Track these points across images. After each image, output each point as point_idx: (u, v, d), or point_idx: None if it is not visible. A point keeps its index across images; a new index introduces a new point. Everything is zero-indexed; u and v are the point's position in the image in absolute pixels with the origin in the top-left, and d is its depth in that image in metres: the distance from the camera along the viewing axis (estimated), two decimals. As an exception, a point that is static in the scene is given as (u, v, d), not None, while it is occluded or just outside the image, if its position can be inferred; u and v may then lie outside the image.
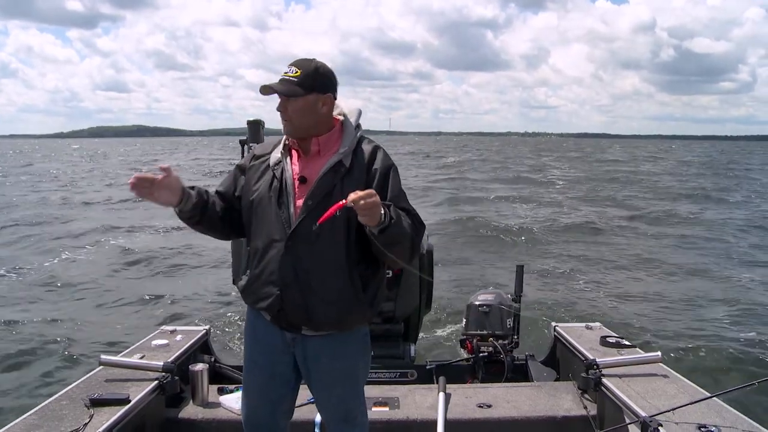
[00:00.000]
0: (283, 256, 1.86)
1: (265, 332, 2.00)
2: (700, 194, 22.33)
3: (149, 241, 12.89)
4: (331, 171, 1.87)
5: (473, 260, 10.66)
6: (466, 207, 17.72)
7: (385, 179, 1.89)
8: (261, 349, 2.03)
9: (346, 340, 1.97)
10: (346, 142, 1.92)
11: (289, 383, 2.05)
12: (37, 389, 4.89)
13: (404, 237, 1.79)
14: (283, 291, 1.87)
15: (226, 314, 7.02)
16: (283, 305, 1.88)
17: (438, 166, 38.33)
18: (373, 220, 1.69)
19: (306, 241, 1.84)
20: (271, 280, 1.89)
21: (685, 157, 64.03)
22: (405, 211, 1.85)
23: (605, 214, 17.12)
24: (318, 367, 1.98)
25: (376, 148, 1.95)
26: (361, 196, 1.64)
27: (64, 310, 7.36)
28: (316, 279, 1.86)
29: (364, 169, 1.89)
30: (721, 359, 5.90)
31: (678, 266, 10.37)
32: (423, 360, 3.72)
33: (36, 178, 30.39)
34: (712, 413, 2.28)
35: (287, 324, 1.93)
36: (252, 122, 3.30)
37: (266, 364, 2.02)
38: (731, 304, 8.01)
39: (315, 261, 1.86)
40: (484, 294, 3.79)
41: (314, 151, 1.93)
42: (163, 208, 1.93)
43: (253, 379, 2.06)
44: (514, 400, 2.84)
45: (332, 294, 1.87)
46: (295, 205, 1.88)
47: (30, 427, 2.16)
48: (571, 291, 8.56)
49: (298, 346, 1.96)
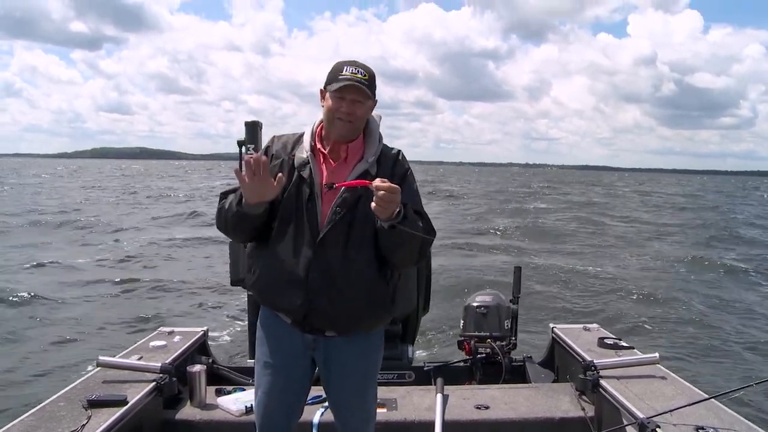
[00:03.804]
0: (312, 261, 1.83)
1: (283, 334, 1.97)
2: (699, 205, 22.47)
3: (148, 242, 12.90)
4: (359, 180, 1.83)
5: (473, 261, 10.67)
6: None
7: (402, 181, 1.88)
8: (279, 351, 1.99)
9: (366, 339, 1.98)
10: (371, 150, 1.91)
11: (305, 385, 2.04)
12: (34, 390, 4.88)
13: (414, 238, 1.77)
14: (310, 296, 1.84)
15: (224, 315, 7.02)
16: (310, 310, 1.86)
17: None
18: (385, 213, 1.68)
19: (335, 248, 1.83)
20: (298, 285, 1.85)
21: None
22: (419, 214, 1.84)
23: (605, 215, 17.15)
24: (340, 368, 1.96)
25: (397, 153, 1.96)
26: (385, 187, 1.63)
27: (62, 311, 7.35)
28: (344, 284, 1.84)
29: (389, 176, 1.86)
30: (719, 361, 5.92)
31: (676, 269, 10.39)
32: (421, 361, 3.71)
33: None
34: (710, 415, 2.28)
35: (311, 327, 1.91)
36: (250, 123, 3.29)
37: (283, 366, 1.99)
38: (729, 306, 8.03)
39: (343, 267, 1.84)
40: (481, 295, 3.78)
41: (342, 157, 1.91)
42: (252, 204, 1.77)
43: (269, 380, 2.00)
44: (511, 402, 2.84)
45: (360, 299, 1.86)
46: (322, 211, 1.85)
47: (28, 428, 2.15)
48: (569, 292, 8.57)
49: (319, 348, 1.95)
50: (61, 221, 16.63)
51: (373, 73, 1.88)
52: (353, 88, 1.82)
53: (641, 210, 22.75)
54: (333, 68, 1.87)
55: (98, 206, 21.79)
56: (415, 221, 1.77)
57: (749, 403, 4.36)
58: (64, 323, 6.85)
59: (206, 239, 13.31)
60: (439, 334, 6.23)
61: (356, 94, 1.83)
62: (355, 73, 1.82)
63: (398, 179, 1.87)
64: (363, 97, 1.84)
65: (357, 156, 1.91)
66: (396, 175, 1.90)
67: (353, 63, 1.86)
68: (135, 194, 31.00)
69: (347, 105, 1.84)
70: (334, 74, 1.85)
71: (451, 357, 3.82)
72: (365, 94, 1.84)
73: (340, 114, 1.85)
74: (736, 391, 2.32)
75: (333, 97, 1.85)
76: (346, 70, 1.83)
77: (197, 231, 14.36)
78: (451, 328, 5.97)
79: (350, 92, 1.82)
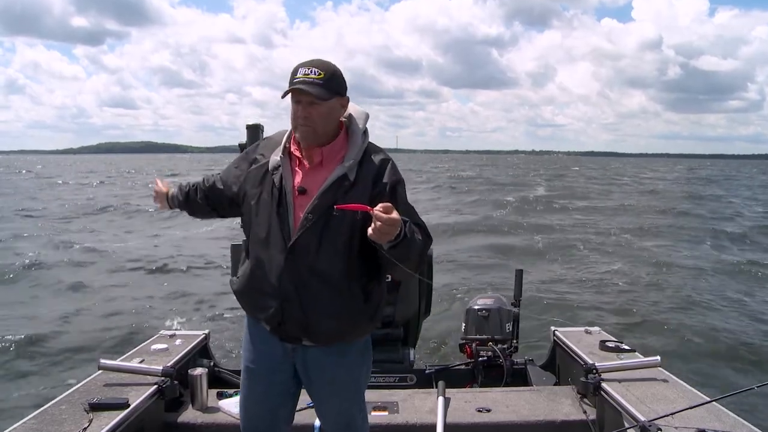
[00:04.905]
0: (283, 269, 1.79)
1: (264, 340, 1.94)
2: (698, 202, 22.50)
3: (149, 245, 12.90)
4: (334, 185, 1.76)
5: (473, 264, 10.67)
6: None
7: (393, 194, 1.78)
8: (260, 357, 1.98)
9: (347, 350, 1.92)
10: (352, 153, 1.81)
11: (289, 390, 2.01)
12: (36, 393, 4.88)
13: (414, 253, 1.72)
14: (283, 304, 1.82)
15: (226, 318, 7.02)
16: (284, 318, 1.83)
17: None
18: (383, 240, 1.61)
19: (306, 255, 1.77)
20: (271, 292, 1.83)
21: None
22: (416, 225, 1.77)
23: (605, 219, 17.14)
24: (319, 377, 1.93)
25: (385, 161, 1.85)
26: (385, 219, 1.55)
27: (63, 314, 7.34)
28: (317, 293, 1.80)
29: (370, 183, 1.79)
30: (721, 363, 5.90)
31: (678, 271, 10.37)
32: (422, 364, 3.71)
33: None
34: (711, 417, 2.28)
35: (287, 336, 1.88)
36: (251, 126, 3.30)
37: (265, 372, 1.97)
38: (731, 309, 8.01)
39: (315, 275, 1.79)
40: (483, 298, 3.78)
41: (317, 161, 1.83)
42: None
43: (251, 386, 2.00)
44: (513, 405, 2.83)
45: (333, 308, 1.81)
46: (294, 216, 1.79)
47: (29, 431, 2.16)
48: (571, 295, 8.56)
49: (298, 356, 1.92)
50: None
51: (334, 70, 1.78)
52: (301, 91, 1.73)
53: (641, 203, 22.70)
54: (292, 71, 1.78)
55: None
56: (414, 238, 1.69)
57: (751, 406, 4.35)
58: (65, 326, 6.85)
59: (210, 238, 13.33)
60: (440, 337, 6.22)
61: (309, 96, 1.73)
62: (307, 74, 1.74)
63: (389, 192, 1.79)
64: (317, 98, 1.73)
65: (337, 159, 1.82)
66: (384, 185, 1.80)
67: (308, 63, 1.77)
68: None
69: (303, 109, 1.76)
70: (291, 77, 1.77)
71: (453, 360, 3.82)
72: (318, 95, 1.73)
73: (299, 120, 1.78)
74: (738, 394, 2.32)
75: (292, 102, 1.79)
76: (299, 72, 1.75)
77: (198, 228, 14.34)
78: (453, 331, 5.96)
79: (301, 95, 1.75)
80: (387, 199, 1.67)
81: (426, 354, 5.41)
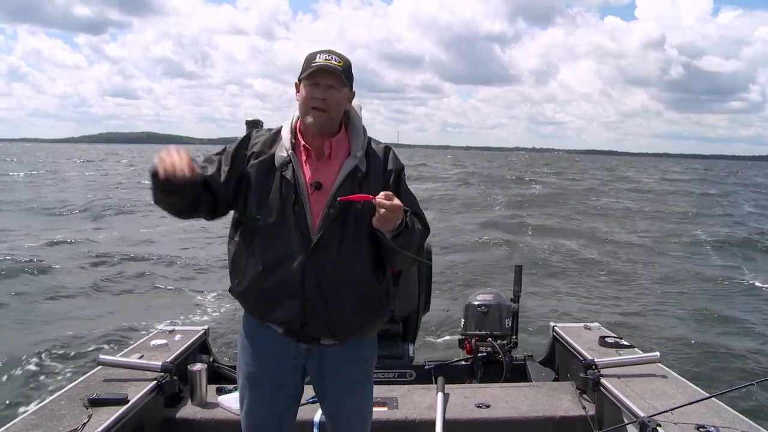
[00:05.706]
0: (306, 268, 1.74)
1: (272, 344, 1.88)
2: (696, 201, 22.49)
3: (148, 242, 12.89)
4: (349, 177, 1.76)
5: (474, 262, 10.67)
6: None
7: (398, 182, 1.81)
8: (267, 362, 1.90)
9: (360, 344, 1.92)
10: (357, 144, 1.81)
11: (297, 393, 1.98)
12: (35, 389, 4.89)
13: (414, 242, 1.73)
14: (307, 304, 1.76)
15: (225, 314, 7.02)
16: (306, 318, 1.78)
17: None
18: (386, 228, 1.63)
19: (329, 252, 1.74)
20: (293, 293, 1.76)
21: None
22: (415, 215, 1.78)
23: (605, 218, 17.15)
24: (336, 375, 1.90)
25: (387, 150, 1.87)
26: (388, 205, 1.58)
27: (63, 310, 7.35)
28: (341, 290, 1.77)
29: (381, 173, 1.80)
30: (720, 359, 5.91)
31: (677, 267, 10.39)
32: (422, 360, 3.71)
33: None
34: (710, 413, 2.28)
35: (306, 336, 1.84)
36: (250, 122, 3.29)
37: (273, 377, 1.90)
38: (730, 305, 8.02)
39: (338, 272, 1.76)
40: (482, 294, 3.78)
41: (326, 153, 1.80)
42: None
43: (257, 393, 1.93)
44: (512, 400, 2.84)
45: (357, 304, 1.80)
46: (311, 213, 1.75)
47: (29, 426, 2.16)
48: (570, 291, 8.57)
49: (313, 356, 1.87)
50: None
51: (350, 62, 1.79)
52: (326, 72, 1.72)
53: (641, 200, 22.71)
54: (306, 57, 1.78)
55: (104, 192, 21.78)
56: (414, 227, 1.72)
57: (750, 402, 4.36)
58: (65, 322, 6.85)
59: (209, 236, 13.32)
60: (439, 333, 6.23)
61: (330, 78, 1.73)
62: (329, 60, 1.74)
63: (394, 179, 1.82)
64: (338, 83, 1.75)
65: (342, 151, 1.81)
66: (390, 173, 1.83)
67: (327, 51, 1.77)
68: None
69: (321, 91, 1.74)
70: (308, 62, 1.76)
71: (452, 356, 3.82)
72: (340, 80, 1.74)
73: (315, 102, 1.74)
74: (737, 390, 2.32)
75: (307, 85, 1.76)
76: (319, 57, 1.75)
77: (198, 226, 14.32)
78: (452, 326, 5.97)
79: (324, 77, 1.73)
80: (393, 187, 1.70)
81: (425, 350, 5.41)
